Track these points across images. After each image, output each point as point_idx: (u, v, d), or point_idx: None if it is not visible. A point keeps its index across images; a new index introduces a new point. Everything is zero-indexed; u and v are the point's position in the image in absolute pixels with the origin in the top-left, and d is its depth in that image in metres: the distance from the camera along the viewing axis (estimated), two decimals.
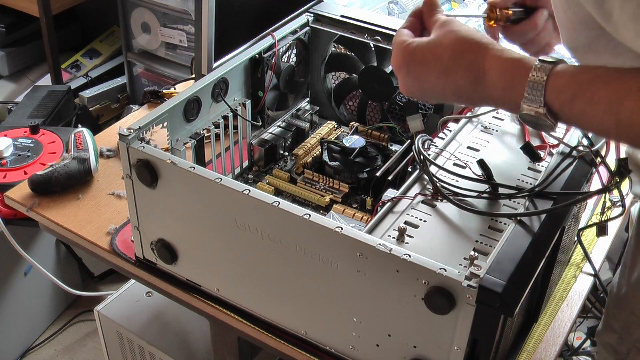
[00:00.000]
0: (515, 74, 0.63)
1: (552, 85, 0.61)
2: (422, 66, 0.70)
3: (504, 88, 0.64)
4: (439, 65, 0.68)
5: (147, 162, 0.84)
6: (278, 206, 0.76)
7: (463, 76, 0.67)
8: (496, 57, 0.65)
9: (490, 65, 0.65)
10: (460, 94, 0.68)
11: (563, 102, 0.61)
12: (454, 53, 0.67)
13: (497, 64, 0.64)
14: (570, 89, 0.60)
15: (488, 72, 0.65)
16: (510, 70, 0.64)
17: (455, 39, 0.68)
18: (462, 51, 0.67)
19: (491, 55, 0.65)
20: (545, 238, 0.76)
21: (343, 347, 0.82)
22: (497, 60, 0.65)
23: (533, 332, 0.94)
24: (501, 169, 0.85)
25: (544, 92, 0.61)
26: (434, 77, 0.69)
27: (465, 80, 0.67)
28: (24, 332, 1.82)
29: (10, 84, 2.41)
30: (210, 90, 0.98)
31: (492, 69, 0.65)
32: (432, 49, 0.69)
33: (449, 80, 0.68)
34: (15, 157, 1.36)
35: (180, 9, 2.13)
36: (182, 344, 1.22)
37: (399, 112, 1.17)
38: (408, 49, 0.71)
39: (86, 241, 1.02)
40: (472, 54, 0.66)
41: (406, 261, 0.70)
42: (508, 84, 0.64)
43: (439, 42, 0.69)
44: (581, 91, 0.60)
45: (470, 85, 0.67)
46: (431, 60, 0.69)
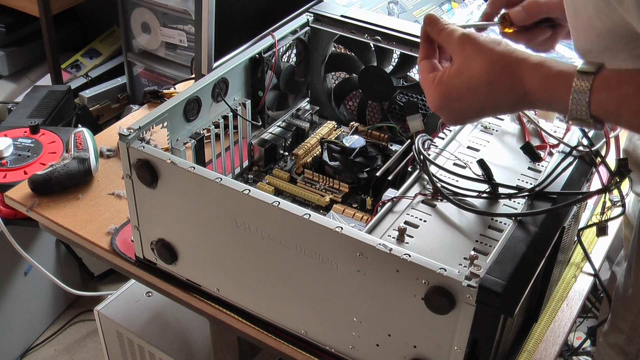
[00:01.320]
0: (558, 90, 0.62)
1: (595, 101, 0.61)
2: (460, 101, 0.69)
3: (547, 104, 0.64)
4: (478, 97, 0.67)
5: (147, 162, 0.84)
6: (278, 206, 0.76)
7: (505, 100, 0.66)
8: (534, 75, 0.64)
9: (530, 86, 0.64)
10: (511, 110, 0.69)
11: (608, 114, 0.61)
12: (489, 82, 0.66)
13: (537, 83, 0.64)
14: (614, 103, 0.60)
15: (529, 92, 0.64)
16: (552, 87, 0.63)
17: (484, 65, 0.67)
18: (497, 78, 0.66)
19: (529, 75, 0.64)
20: (545, 238, 0.76)
21: (343, 347, 0.82)
22: (537, 79, 0.64)
23: (533, 332, 0.94)
24: (501, 169, 0.85)
25: (588, 108, 0.61)
26: (476, 107, 0.69)
27: (508, 102, 0.66)
28: (24, 332, 1.82)
29: (10, 84, 2.41)
30: (210, 90, 0.98)
31: (533, 88, 0.64)
32: (465, 83, 0.68)
33: (494, 106, 0.68)
34: (15, 157, 1.36)
35: (180, 9, 2.13)
36: (182, 344, 1.22)
37: (399, 112, 1.17)
38: (440, 87, 0.70)
39: (86, 241, 1.02)
40: (508, 78, 0.65)
41: (406, 261, 0.70)
42: (551, 100, 0.64)
43: (469, 71, 0.67)
44: (626, 104, 0.60)
45: (514, 105, 0.67)
46: (468, 94, 0.68)
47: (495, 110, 0.69)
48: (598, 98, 0.60)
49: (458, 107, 0.69)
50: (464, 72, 0.68)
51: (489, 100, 0.67)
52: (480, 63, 0.67)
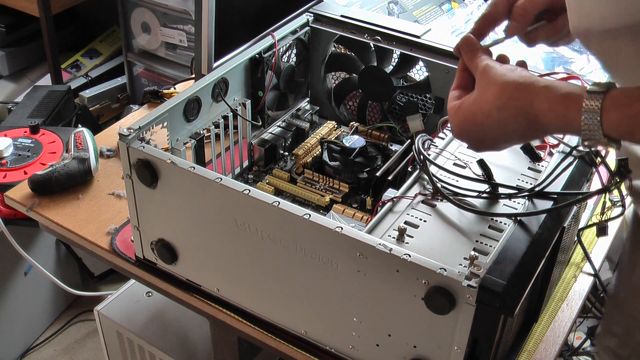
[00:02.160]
0: (568, 113, 0.62)
1: (607, 122, 0.60)
2: (476, 126, 0.70)
3: (559, 127, 0.65)
4: (491, 122, 0.68)
5: (147, 162, 0.84)
6: (278, 206, 0.76)
7: (517, 124, 0.67)
8: (542, 98, 0.64)
9: (539, 109, 0.64)
10: (525, 137, 0.69)
11: (622, 134, 0.61)
12: (499, 107, 0.67)
13: (546, 107, 0.64)
14: (626, 122, 0.60)
15: (539, 116, 0.65)
16: (562, 110, 0.63)
17: (496, 91, 0.68)
18: (506, 102, 0.67)
19: (537, 99, 0.65)
20: (545, 238, 0.76)
21: (343, 347, 0.82)
22: (545, 103, 0.64)
23: (533, 332, 0.94)
24: (501, 169, 0.85)
25: (601, 128, 0.61)
26: (493, 133, 0.69)
27: (522, 126, 0.67)
28: (24, 332, 1.82)
29: (10, 84, 2.41)
30: (210, 90, 0.98)
31: (542, 112, 0.64)
32: (480, 109, 0.69)
33: (507, 132, 0.68)
34: (15, 157, 1.36)
35: (180, 9, 2.13)
36: (182, 344, 1.22)
37: (399, 112, 1.17)
38: (458, 115, 0.72)
39: (86, 241, 1.02)
40: (517, 101, 0.66)
41: (406, 261, 0.70)
42: (562, 124, 0.64)
43: (483, 98, 0.69)
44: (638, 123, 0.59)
45: (527, 129, 0.67)
46: (482, 119, 0.69)
47: (508, 137, 0.69)
48: (609, 118, 0.60)
49: (476, 135, 0.71)
50: (479, 99, 0.70)
51: (501, 127, 0.68)
52: (493, 90, 0.68)
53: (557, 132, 0.66)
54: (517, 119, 0.66)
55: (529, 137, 0.69)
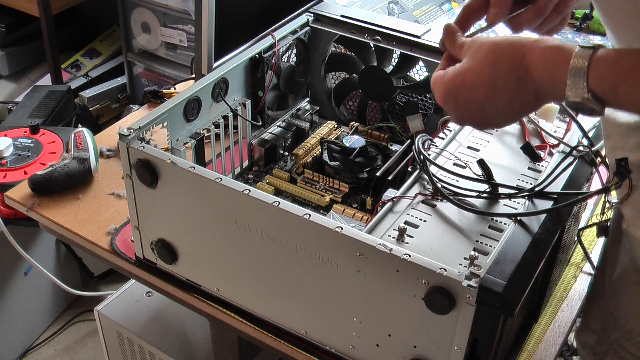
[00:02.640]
0: (557, 64, 0.63)
1: (593, 72, 0.60)
2: (465, 87, 0.69)
3: (548, 79, 0.64)
4: (482, 79, 0.67)
5: (147, 162, 0.84)
6: (278, 206, 0.76)
7: (508, 79, 0.66)
8: (535, 49, 0.64)
9: (531, 60, 0.64)
10: (512, 100, 0.67)
11: (606, 88, 0.61)
12: (492, 62, 0.67)
13: (538, 57, 0.64)
14: (612, 74, 0.60)
15: (530, 67, 0.64)
16: (552, 61, 0.63)
17: (488, 49, 0.68)
18: (499, 57, 0.66)
19: (530, 50, 0.65)
20: (545, 238, 0.76)
21: (343, 347, 0.82)
22: (537, 53, 0.64)
23: (533, 332, 0.94)
24: (501, 169, 0.85)
25: (586, 79, 0.61)
26: (481, 93, 0.68)
27: (512, 83, 0.66)
28: (24, 332, 1.82)
29: (10, 84, 2.41)
30: (210, 90, 0.98)
31: (534, 63, 0.64)
32: (470, 69, 0.68)
33: (496, 90, 0.67)
34: (15, 157, 1.36)
35: (180, 9, 2.13)
36: (182, 344, 1.22)
37: (399, 112, 1.17)
38: (445, 78, 0.71)
39: (86, 241, 1.02)
40: (510, 55, 0.66)
41: (406, 261, 0.70)
42: (551, 75, 0.63)
43: (474, 59, 0.68)
44: (624, 77, 0.59)
45: (517, 85, 0.66)
46: (473, 78, 0.68)
47: (497, 98, 0.67)
48: (596, 70, 0.60)
49: (465, 95, 0.69)
50: (468, 62, 0.69)
51: (491, 86, 0.67)
52: (485, 50, 0.68)
53: (545, 88, 0.65)
54: (509, 73, 0.66)
55: (517, 98, 0.67)
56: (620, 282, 0.79)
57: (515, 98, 0.67)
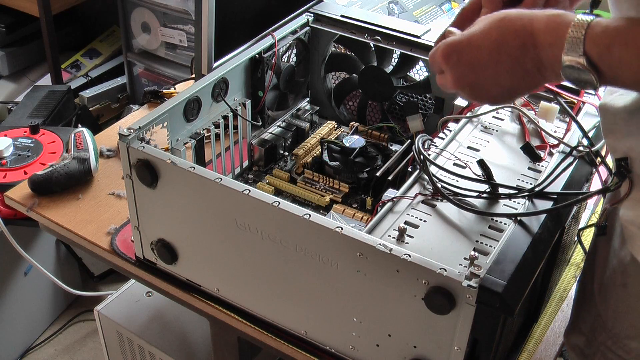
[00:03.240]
0: (559, 28, 0.64)
1: (590, 33, 0.62)
2: (471, 47, 0.70)
3: (550, 44, 0.65)
4: (489, 42, 0.68)
5: (147, 162, 0.84)
6: (278, 206, 0.76)
7: (513, 44, 0.67)
8: (541, 16, 0.66)
9: (537, 25, 0.66)
10: (513, 67, 0.68)
11: (601, 49, 0.62)
12: (501, 26, 0.68)
13: (544, 22, 0.65)
14: (607, 35, 0.62)
15: (535, 33, 0.66)
16: (555, 24, 0.65)
17: (497, 16, 0.69)
18: (507, 23, 0.68)
19: (536, 16, 0.66)
20: (545, 238, 0.76)
21: (343, 347, 0.82)
22: (543, 19, 0.66)
23: (533, 332, 0.94)
24: (501, 169, 0.85)
25: (583, 42, 0.62)
26: (486, 54, 0.69)
27: (516, 49, 0.67)
28: (24, 332, 1.82)
29: (10, 84, 2.41)
30: (210, 90, 0.98)
31: (540, 28, 0.66)
32: (478, 30, 0.69)
33: (500, 54, 0.68)
34: (15, 157, 1.36)
35: (180, 9, 2.13)
36: (182, 344, 1.22)
37: (399, 112, 1.17)
38: (452, 40, 0.71)
39: (86, 241, 1.02)
40: (519, 20, 0.67)
41: (406, 261, 0.70)
42: (553, 39, 0.65)
43: (484, 23, 0.69)
44: (618, 37, 0.61)
45: (520, 52, 0.67)
46: (480, 39, 0.69)
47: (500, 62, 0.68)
48: (593, 30, 0.62)
49: (469, 55, 0.70)
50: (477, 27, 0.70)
51: (496, 49, 0.68)
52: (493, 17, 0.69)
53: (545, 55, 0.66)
54: (514, 38, 0.67)
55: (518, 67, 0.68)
56: (608, 284, 0.79)
57: (516, 66, 0.68)
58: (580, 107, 0.94)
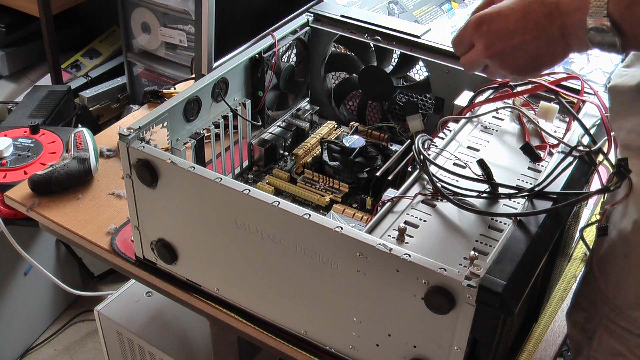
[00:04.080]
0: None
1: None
2: (500, 17, 0.73)
3: (575, 10, 0.68)
4: (516, 11, 0.72)
5: (147, 162, 0.84)
6: (278, 206, 0.76)
7: (539, 12, 0.70)
8: None
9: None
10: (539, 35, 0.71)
11: (623, 8, 0.64)
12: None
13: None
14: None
15: (562, 1, 0.68)
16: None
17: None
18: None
19: None
20: (545, 238, 0.76)
21: (343, 347, 0.82)
22: None
23: (533, 332, 0.94)
24: (501, 169, 0.85)
25: (607, 2, 0.64)
26: (513, 22, 0.72)
27: (542, 16, 0.70)
28: (24, 332, 1.82)
29: (10, 84, 2.41)
30: (210, 90, 0.98)
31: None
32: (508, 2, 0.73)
33: (527, 22, 0.71)
34: (15, 157, 1.36)
35: (180, 9, 2.13)
36: (182, 344, 1.22)
37: (399, 112, 1.17)
38: (482, 12, 0.75)
39: (86, 241, 1.02)
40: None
41: (406, 261, 0.70)
42: (578, 5, 0.67)
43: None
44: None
45: (546, 20, 0.70)
46: (508, 9, 0.72)
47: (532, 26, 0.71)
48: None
49: (498, 23, 0.73)
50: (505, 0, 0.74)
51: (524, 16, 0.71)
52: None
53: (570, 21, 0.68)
54: (541, 7, 0.70)
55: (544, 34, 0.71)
56: (608, 257, 0.80)
57: (543, 33, 0.71)
58: (580, 107, 0.94)
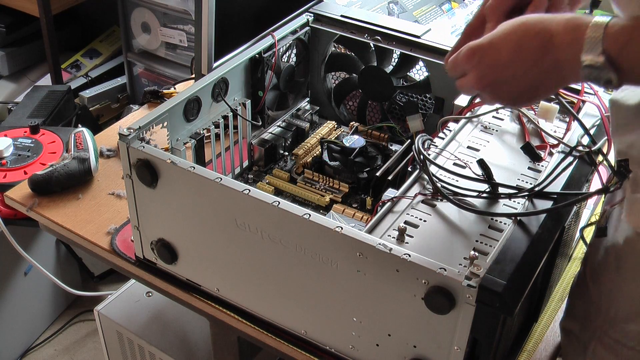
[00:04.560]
0: (578, 28, 0.65)
1: (609, 31, 0.63)
2: (493, 49, 0.71)
3: (569, 44, 0.67)
4: (510, 43, 0.70)
5: (147, 162, 0.84)
6: (278, 206, 0.76)
7: (533, 44, 0.69)
8: (561, 18, 0.68)
9: (557, 27, 0.67)
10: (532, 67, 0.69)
11: (620, 46, 0.63)
12: (522, 28, 0.70)
13: (563, 24, 0.67)
14: (625, 32, 0.63)
15: (555, 34, 0.67)
16: (574, 26, 0.66)
17: (519, 20, 0.71)
18: (529, 25, 0.69)
19: (557, 19, 0.68)
20: (545, 238, 0.76)
21: (343, 347, 0.82)
22: (562, 21, 0.67)
23: (533, 332, 0.94)
24: (501, 169, 0.85)
25: (601, 39, 0.63)
26: (506, 54, 0.70)
27: (536, 48, 0.69)
28: (24, 332, 1.82)
29: (10, 84, 2.41)
30: (210, 90, 0.98)
31: (559, 29, 0.67)
32: (500, 32, 0.71)
33: (521, 54, 0.69)
34: (15, 157, 1.36)
35: (180, 9, 2.13)
36: (182, 344, 1.22)
37: (399, 112, 1.17)
38: (474, 43, 0.73)
39: (86, 241, 1.02)
40: (540, 23, 0.69)
41: (406, 261, 0.70)
42: (572, 39, 0.66)
43: (505, 26, 0.71)
44: (636, 33, 0.62)
45: (540, 52, 0.68)
46: (501, 40, 0.71)
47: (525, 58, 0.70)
48: (612, 28, 0.63)
49: (491, 55, 0.71)
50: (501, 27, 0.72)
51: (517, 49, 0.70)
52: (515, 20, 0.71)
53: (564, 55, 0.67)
54: (535, 38, 0.68)
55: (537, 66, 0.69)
56: (600, 269, 0.80)
57: (535, 66, 0.69)
58: (580, 107, 0.94)
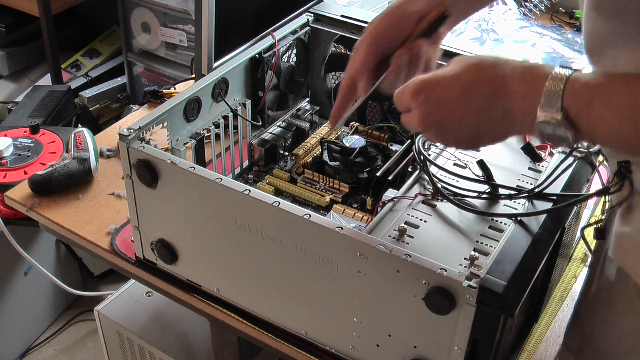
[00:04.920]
0: (535, 79, 0.62)
1: (569, 87, 0.59)
2: (441, 87, 0.67)
3: (523, 95, 0.63)
4: (460, 83, 0.66)
5: (147, 162, 0.84)
6: (278, 206, 0.76)
7: (483, 89, 0.65)
8: (518, 65, 0.64)
9: (511, 74, 0.63)
10: (480, 112, 0.66)
11: (580, 105, 0.59)
12: (475, 69, 0.66)
13: (518, 72, 0.63)
14: (587, 91, 0.59)
15: (508, 81, 0.63)
16: (530, 76, 0.62)
17: (474, 60, 0.67)
18: (483, 67, 0.66)
19: (514, 65, 0.64)
20: (545, 238, 0.76)
21: (343, 347, 0.82)
22: (518, 69, 0.63)
23: (533, 332, 0.94)
24: (501, 169, 0.85)
25: (561, 95, 0.59)
26: (454, 95, 0.66)
27: (485, 95, 0.65)
28: (24, 332, 1.82)
29: (10, 84, 2.41)
30: (210, 90, 0.98)
31: (514, 77, 0.63)
32: (451, 71, 0.67)
33: (469, 96, 0.66)
34: (15, 157, 1.36)
35: (180, 9, 2.13)
36: (182, 344, 1.22)
37: (399, 112, 1.16)
38: (423, 78, 0.69)
39: (86, 241, 1.02)
40: (493, 68, 0.65)
41: (406, 261, 0.70)
42: (528, 90, 0.62)
43: (458, 64, 0.67)
44: (599, 93, 0.58)
45: (489, 99, 0.65)
46: (451, 79, 0.67)
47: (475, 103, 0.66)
48: (572, 85, 0.59)
49: (438, 94, 0.67)
50: (453, 64, 0.68)
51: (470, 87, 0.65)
52: (468, 59, 0.67)
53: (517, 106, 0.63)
54: (486, 83, 0.65)
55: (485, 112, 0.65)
56: (594, 302, 0.79)
57: (484, 113, 0.66)
58: None
